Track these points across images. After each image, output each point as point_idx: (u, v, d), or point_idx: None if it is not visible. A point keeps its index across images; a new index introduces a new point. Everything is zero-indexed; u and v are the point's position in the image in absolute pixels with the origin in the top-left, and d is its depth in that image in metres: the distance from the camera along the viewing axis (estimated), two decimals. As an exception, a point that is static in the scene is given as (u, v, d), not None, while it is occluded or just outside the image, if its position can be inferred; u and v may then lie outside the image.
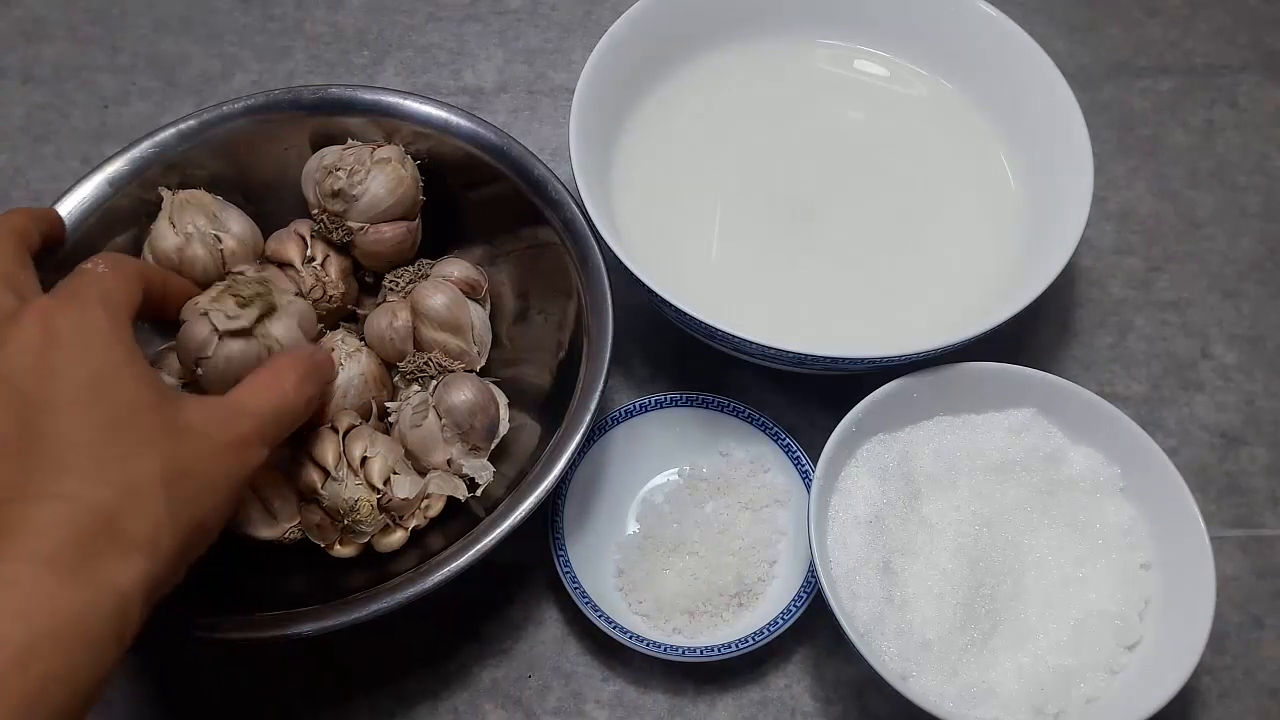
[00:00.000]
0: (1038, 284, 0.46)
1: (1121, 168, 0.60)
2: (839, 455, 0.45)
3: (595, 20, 0.65)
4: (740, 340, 0.44)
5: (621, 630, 0.43)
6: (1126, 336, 0.55)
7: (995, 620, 0.43)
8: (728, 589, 0.45)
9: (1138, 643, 0.42)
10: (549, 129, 0.61)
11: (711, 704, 0.45)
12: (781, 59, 0.58)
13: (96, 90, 0.62)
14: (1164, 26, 0.66)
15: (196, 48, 0.64)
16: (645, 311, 0.51)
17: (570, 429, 0.42)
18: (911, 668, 0.41)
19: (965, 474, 0.46)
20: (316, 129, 0.49)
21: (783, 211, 0.53)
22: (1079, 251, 0.48)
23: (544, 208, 0.47)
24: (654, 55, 0.55)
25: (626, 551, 0.47)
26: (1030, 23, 0.54)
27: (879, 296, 0.51)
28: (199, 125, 0.47)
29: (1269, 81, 0.64)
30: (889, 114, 0.57)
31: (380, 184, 0.46)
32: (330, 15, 0.66)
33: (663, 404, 0.49)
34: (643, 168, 0.53)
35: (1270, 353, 0.54)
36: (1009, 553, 0.44)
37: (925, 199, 0.54)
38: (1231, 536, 0.49)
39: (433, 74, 0.63)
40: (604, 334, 0.43)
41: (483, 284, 0.49)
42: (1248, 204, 0.59)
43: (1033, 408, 0.47)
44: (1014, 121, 0.55)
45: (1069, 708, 0.41)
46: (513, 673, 0.45)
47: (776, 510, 0.48)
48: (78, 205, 0.45)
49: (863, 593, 0.42)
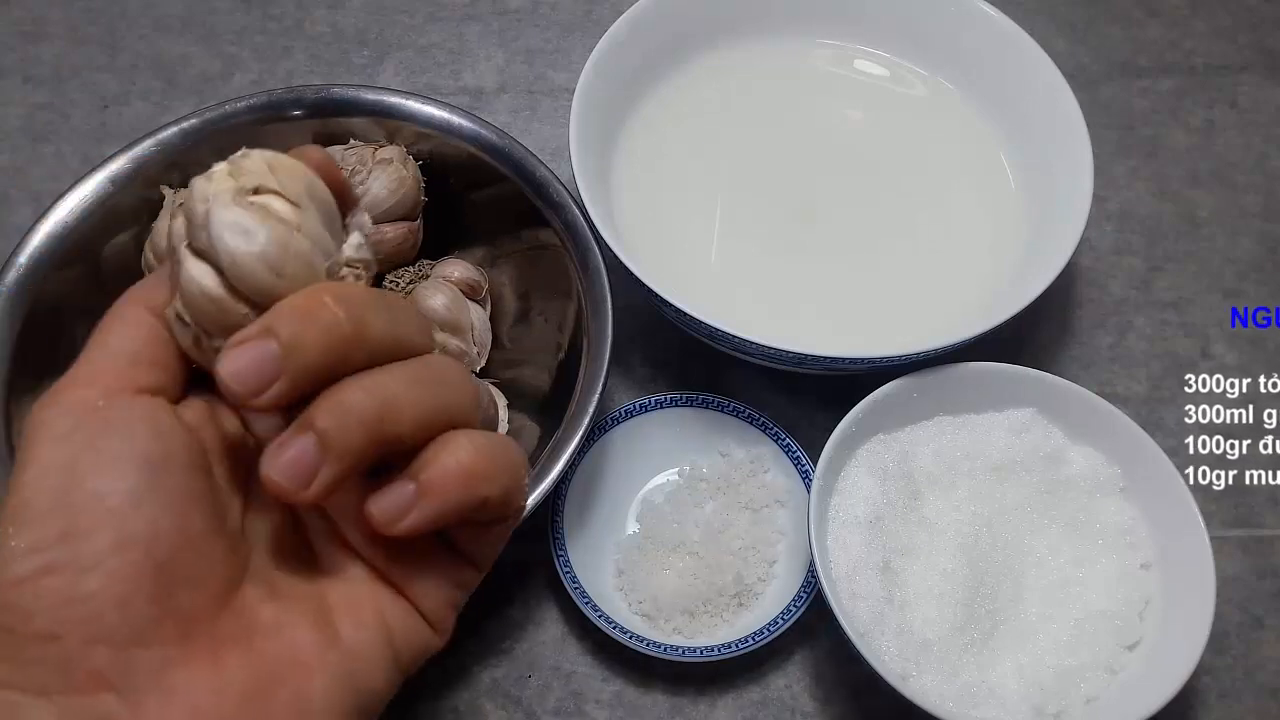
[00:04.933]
0: (1038, 284, 0.46)
1: (1121, 168, 0.60)
2: (839, 455, 0.45)
3: (595, 20, 0.65)
4: (740, 340, 0.44)
5: (621, 630, 0.43)
6: (1126, 336, 0.55)
7: (995, 620, 0.43)
8: (728, 589, 0.45)
9: (1138, 643, 0.42)
10: (549, 129, 0.61)
11: (711, 704, 0.45)
12: (781, 59, 0.58)
13: (96, 90, 0.62)
14: (1164, 26, 0.66)
15: (196, 48, 0.64)
16: (645, 311, 0.51)
17: (570, 429, 0.42)
18: (911, 668, 0.41)
19: (965, 474, 0.46)
20: (319, 129, 0.49)
21: (783, 211, 0.53)
22: (1079, 251, 0.48)
23: (545, 209, 0.47)
24: (654, 55, 0.55)
25: (626, 551, 0.47)
26: (1030, 23, 0.54)
27: (879, 296, 0.51)
28: (201, 124, 0.47)
29: (1269, 81, 0.64)
30: (889, 114, 0.57)
31: (382, 184, 0.46)
32: (330, 15, 0.66)
33: (663, 404, 0.49)
34: (643, 168, 0.53)
35: (1270, 353, 0.54)
36: (1009, 553, 0.44)
37: (925, 199, 0.54)
38: (1231, 536, 0.49)
39: (433, 74, 0.63)
40: (604, 335, 0.43)
41: (483, 285, 0.49)
42: (1248, 204, 0.59)
43: (1033, 408, 0.47)
44: (1014, 121, 0.55)
45: (1069, 708, 0.41)
46: (513, 673, 0.45)
47: (776, 510, 0.48)
48: (80, 202, 0.45)
49: (863, 593, 0.42)
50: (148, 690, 0.22)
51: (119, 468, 0.23)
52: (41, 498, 0.23)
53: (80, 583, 0.22)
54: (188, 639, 0.23)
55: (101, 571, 0.22)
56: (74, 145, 0.60)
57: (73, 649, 0.22)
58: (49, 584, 0.22)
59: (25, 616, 0.22)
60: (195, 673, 0.23)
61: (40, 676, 0.22)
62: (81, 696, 0.22)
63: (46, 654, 0.22)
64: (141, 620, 0.22)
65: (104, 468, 0.23)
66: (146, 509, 0.23)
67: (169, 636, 0.23)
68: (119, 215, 0.46)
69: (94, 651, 0.22)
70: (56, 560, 0.22)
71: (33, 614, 0.22)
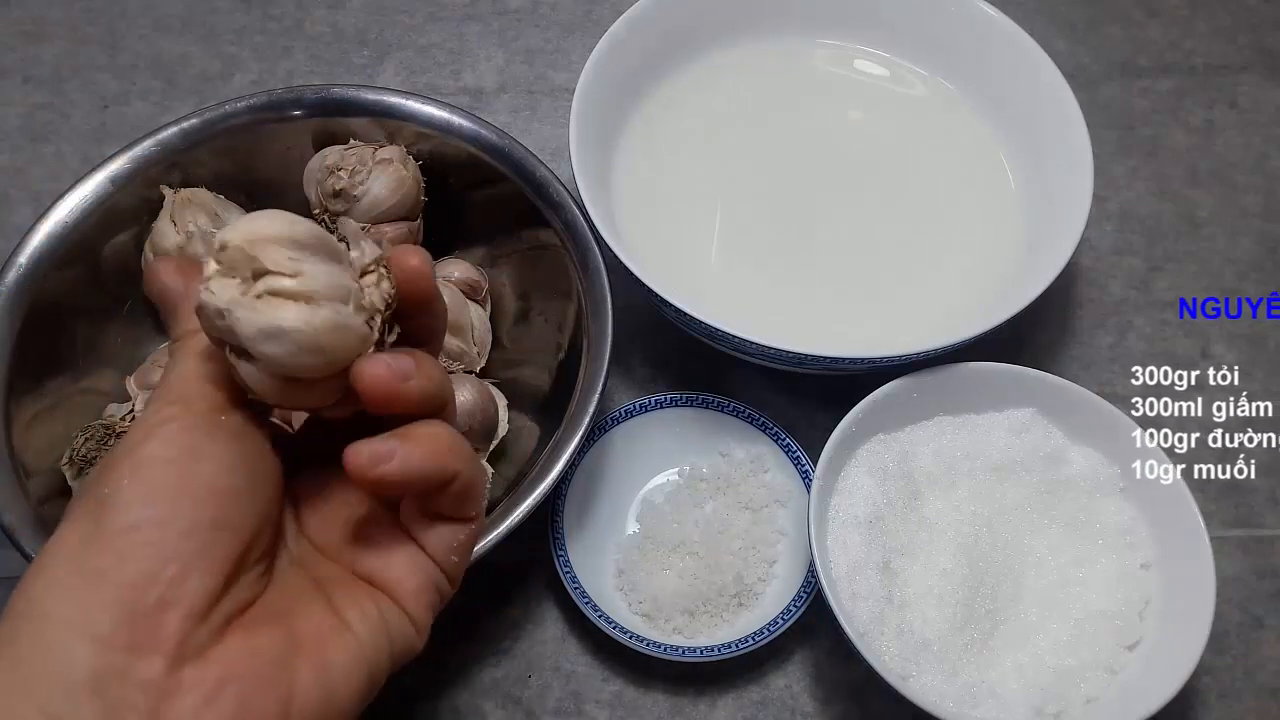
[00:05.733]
0: (1038, 284, 0.46)
1: (1121, 168, 0.60)
2: (839, 455, 0.45)
3: (595, 20, 0.65)
4: (740, 340, 0.44)
5: (621, 630, 0.43)
6: (1126, 336, 0.55)
7: (995, 620, 0.43)
8: (728, 589, 0.45)
9: (1138, 643, 0.42)
10: (549, 129, 0.61)
11: (711, 704, 0.45)
12: (781, 59, 0.58)
13: (96, 90, 0.62)
14: (1164, 26, 0.66)
15: (196, 48, 0.64)
16: (645, 311, 0.51)
17: (570, 429, 0.42)
18: (911, 668, 0.41)
19: (965, 474, 0.46)
20: (319, 129, 0.49)
21: (782, 211, 0.53)
22: (1079, 251, 0.48)
23: (545, 209, 0.47)
24: (654, 55, 0.55)
25: (626, 551, 0.47)
26: (1030, 23, 0.54)
27: (879, 297, 0.51)
28: (202, 124, 0.47)
29: (1269, 81, 0.64)
30: (889, 114, 0.57)
31: (382, 184, 0.46)
32: (330, 15, 0.66)
33: (663, 404, 0.49)
34: (643, 168, 0.53)
35: (1270, 353, 0.54)
36: (1009, 553, 0.44)
37: (925, 199, 0.54)
38: (1231, 536, 0.49)
39: (433, 74, 0.63)
40: (604, 335, 0.43)
41: (483, 285, 0.49)
42: (1248, 204, 0.59)
43: (1033, 408, 0.47)
44: (1014, 121, 0.55)
45: (1069, 708, 0.41)
46: (513, 673, 0.45)
47: (776, 510, 0.48)
48: (80, 202, 0.45)
49: (863, 593, 0.42)
50: (191, 659, 0.24)
51: (232, 466, 0.26)
52: (160, 464, 0.25)
53: (177, 544, 0.24)
54: (231, 621, 0.25)
55: (197, 540, 0.25)
56: (74, 145, 0.60)
57: (146, 605, 0.24)
58: (150, 535, 0.24)
59: (119, 559, 0.24)
60: (229, 643, 0.25)
61: (104, 623, 0.23)
62: (132, 655, 0.23)
63: (120, 601, 0.24)
64: (212, 594, 0.25)
65: (219, 462, 0.26)
66: (245, 505, 0.26)
67: (225, 614, 0.25)
68: (119, 215, 0.46)
69: (164, 614, 0.24)
70: (163, 516, 0.24)
71: (126, 560, 0.24)
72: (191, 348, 0.27)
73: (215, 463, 0.26)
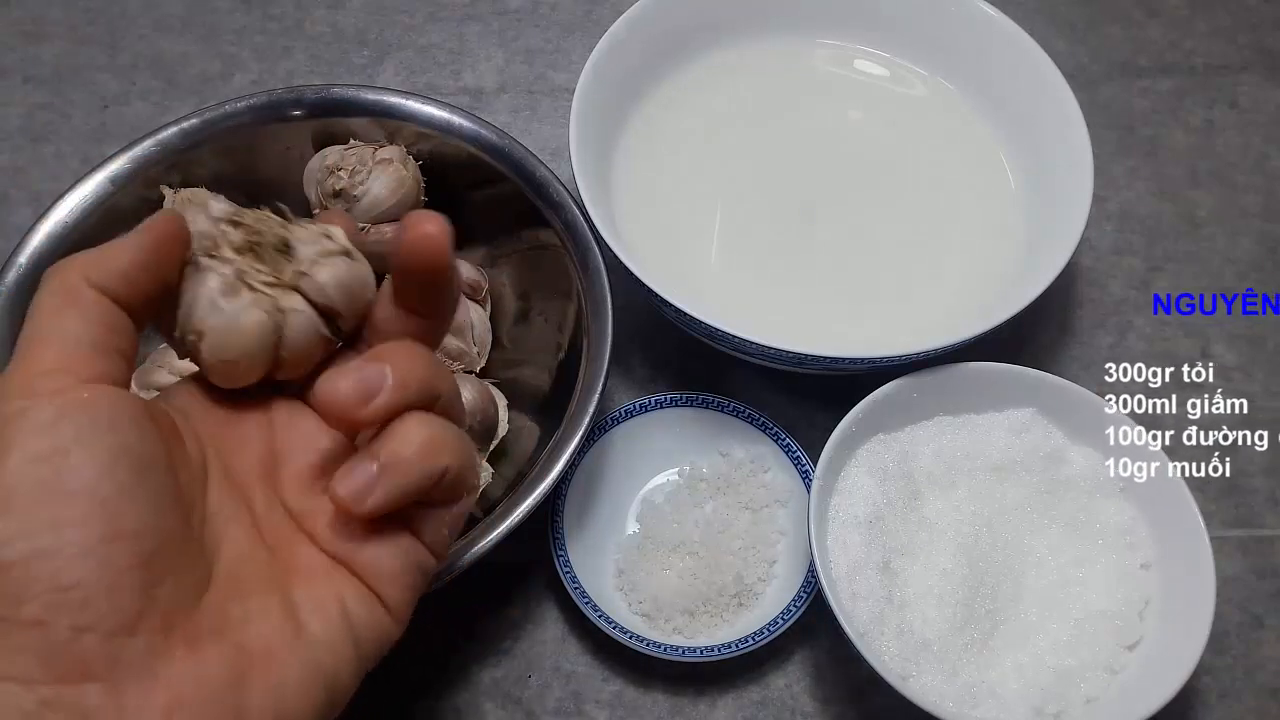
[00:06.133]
0: (1038, 284, 0.46)
1: (1121, 168, 0.60)
2: (839, 455, 0.45)
3: (595, 20, 0.65)
4: (740, 340, 0.44)
5: (621, 630, 0.43)
6: (1126, 336, 0.55)
7: (995, 620, 0.43)
8: (728, 589, 0.45)
9: (1138, 643, 0.42)
10: (549, 129, 0.61)
11: (711, 704, 0.45)
12: (781, 59, 0.58)
13: (96, 90, 0.62)
14: (1164, 26, 0.66)
15: (196, 48, 0.64)
16: (645, 311, 0.51)
17: (570, 430, 0.42)
18: (911, 668, 0.41)
19: (965, 474, 0.46)
20: (319, 129, 0.49)
21: (783, 211, 0.53)
22: (1079, 251, 0.48)
23: (545, 209, 0.47)
24: (654, 55, 0.55)
25: (626, 551, 0.47)
26: (1030, 23, 0.54)
27: (879, 297, 0.51)
28: (202, 124, 0.47)
29: (1269, 81, 0.64)
30: (889, 114, 0.57)
31: (382, 184, 0.46)
32: (330, 15, 0.66)
33: (663, 404, 0.49)
34: (643, 168, 0.53)
35: (1270, 352, 0.54)
36: (1009, 553, 0.44)
37: (925, 199, 0.54)
38: (1231, 536, 0.49)
39: (433, 74, 0.63)
40: (604, 335, 0.43)
41: (483, 285, 0.49)
42: (1248, 204, 0.59)
43: (1033, 408, 0.47)
44: (1014, 121, 0.55)
45: (1069, 708, 0.41)
46: (513, 673, 0.45)
47: (776, 510, 0.48)
48: (79, 202, 0.45)
49: (863, 593, 0.42)
50: (131, 680, 0.23)
51: (111, 462, 0.24)
52: (28, 485, 0.23)
53: (71, 569, 0.22)
54: (169, 631, 0.24)
55: (94, 560, 0.23)
56: (74, 145, 0.60)
57: (60, 636, 0.22)
58: (39, 569, 0.22)
59: (15, 602, 0.22)
60: (176, 664, 0.23)
61: (25, 665, 0.22)
62: (65, 686, 0.22)
63: (32, 641, 0.22)
64: (129, 610, 0.23)
65: (96, 461, 0.23)
66: (138, 504, 0.24)
67: (154, 627, 0.23)
68: (119, 215, 0.46)
69: (82, 640, 0.22)
70: (47, 546, 0.22)
71: (22, 600, 0.22)
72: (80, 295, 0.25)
73: (91, 465, 0.23)
